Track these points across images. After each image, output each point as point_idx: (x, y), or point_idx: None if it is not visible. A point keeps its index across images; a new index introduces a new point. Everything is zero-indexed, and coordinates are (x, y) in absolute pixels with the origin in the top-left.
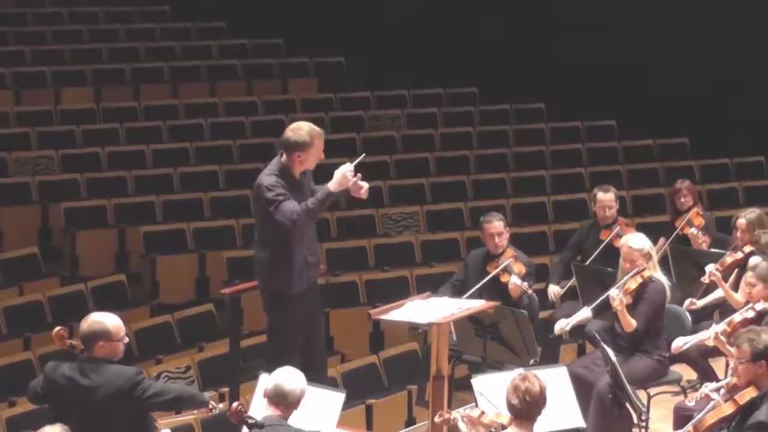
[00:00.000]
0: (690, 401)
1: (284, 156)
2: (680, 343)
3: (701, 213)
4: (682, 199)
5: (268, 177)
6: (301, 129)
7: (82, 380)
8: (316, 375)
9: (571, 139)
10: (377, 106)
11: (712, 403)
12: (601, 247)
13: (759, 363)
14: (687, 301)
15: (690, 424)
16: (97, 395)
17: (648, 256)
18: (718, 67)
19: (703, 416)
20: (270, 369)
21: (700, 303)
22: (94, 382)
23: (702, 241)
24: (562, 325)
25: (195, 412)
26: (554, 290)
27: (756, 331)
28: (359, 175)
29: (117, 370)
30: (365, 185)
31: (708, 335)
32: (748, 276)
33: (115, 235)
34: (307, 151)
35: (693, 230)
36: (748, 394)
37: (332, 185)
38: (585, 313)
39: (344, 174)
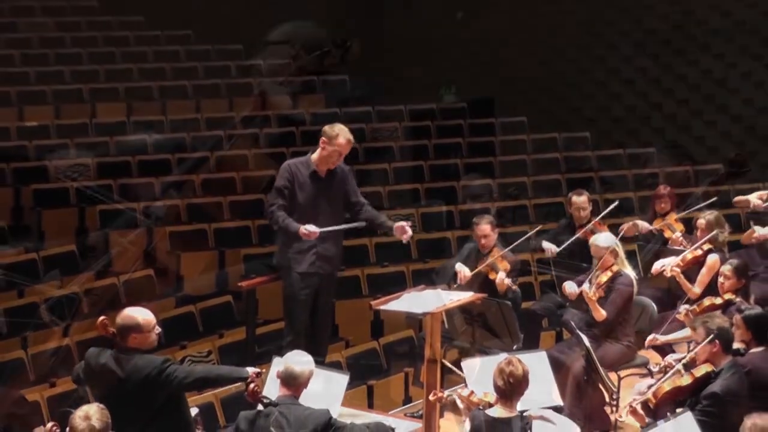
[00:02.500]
0: (654, 367)
1: (319, 147)
2: (652, 338)
3: (678, 219)
4: (662, 204)
5: (290, 160)
6: (337, 125)
7: (116, 369)
8: (317, 351)
9: (550, 149)
10: (377, 119)
11: (672, 372)
12: (573, 239)
13: (713, 343)
14: (650, 337)
15: (650, 390)
16: (129, 382)
17: (614, 253)
18: (682, 89)
19: (662, 383)
20: (285, 331)
21: (662, 339)
22: (127, 371)
23: (683, 244)
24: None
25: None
26: (551, 248)
27: (710, 315)
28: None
29: (146, 360)
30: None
31: (680, 335)
32: (726, 269)
33: (144, 234)
34: (330, 143)
35: (677, 235)
36: (704, 369)
37: (302, 230)
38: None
39: (309, 233)
